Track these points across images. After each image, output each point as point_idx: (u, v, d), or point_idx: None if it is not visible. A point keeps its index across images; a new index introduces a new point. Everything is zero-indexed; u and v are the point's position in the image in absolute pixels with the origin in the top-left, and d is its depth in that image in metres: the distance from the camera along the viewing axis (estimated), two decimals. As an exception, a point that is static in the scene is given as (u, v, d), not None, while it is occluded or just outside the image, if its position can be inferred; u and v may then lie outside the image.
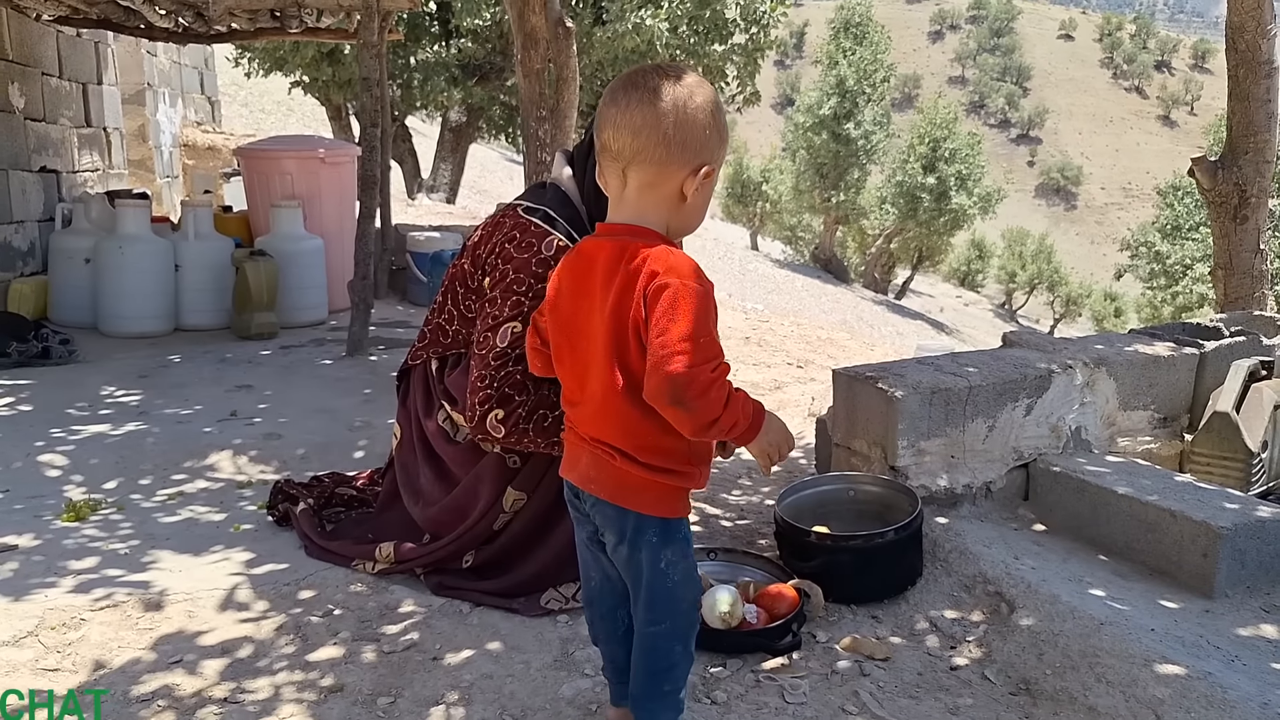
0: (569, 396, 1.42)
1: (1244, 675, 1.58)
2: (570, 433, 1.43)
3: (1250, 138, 3.86)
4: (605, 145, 1.33)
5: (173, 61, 8.66)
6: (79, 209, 4.93)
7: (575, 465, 1.41)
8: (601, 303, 1.31)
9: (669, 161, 1.30)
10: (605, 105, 1.33)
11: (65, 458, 2.84)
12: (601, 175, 1.37)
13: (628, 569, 1.40)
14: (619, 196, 1.35)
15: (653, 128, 1.28)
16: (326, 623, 1.88)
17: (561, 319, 1.39)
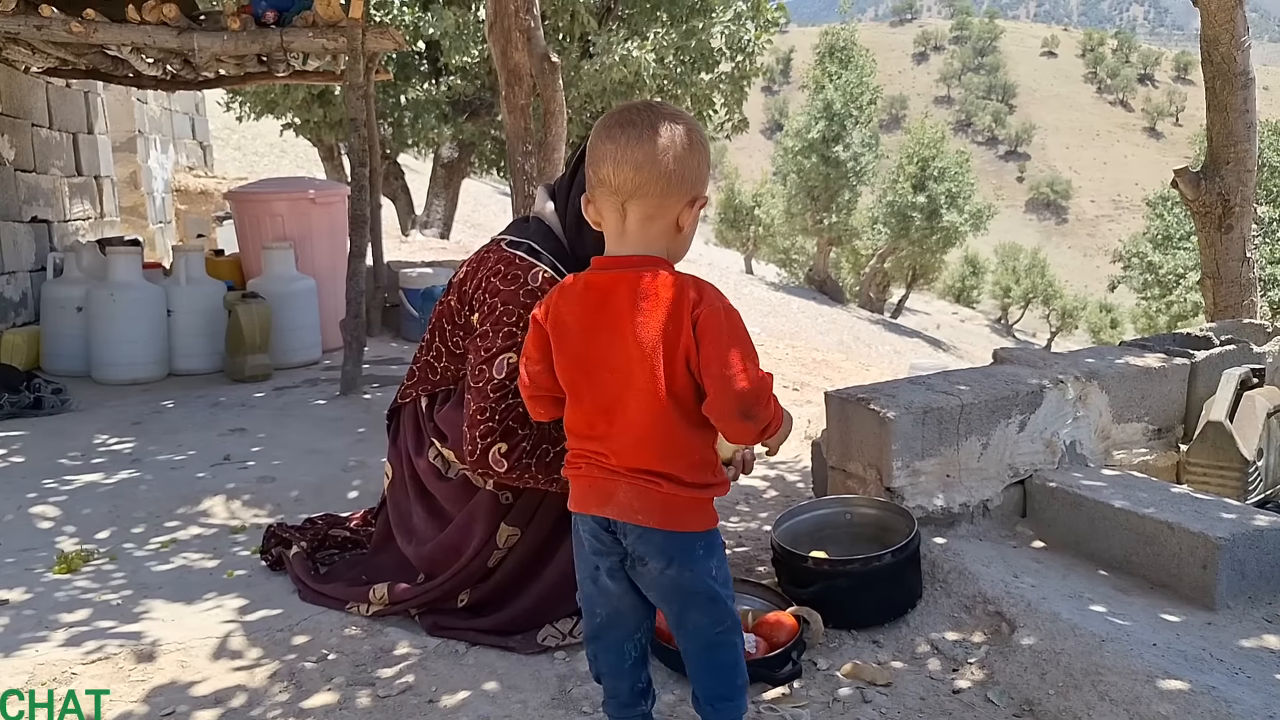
0: (591, 432, 1.41)
1: (1248, 688, 1.56)
2: (592, 468, 1.41)
3: (1230, 148, 3.89)
4: (604, 180, 1.37)
5: (163, 108, 8.74)
6: (70, 258, 4.94)
7: (609, 499, 1.40)
8: (632, 333, 1.34)
9: (669, 194, 1.36)
10: (601, 141, 1.37)
11: (57, 508, 2.82)
12: (594, 209, 1.41)
13: (674, 589, 1.42)
14: (618, 230, 1.39)
15: (653, 163, 1.34)
16: (321, 668, 1.86)
17: (573, 355, 1.40)
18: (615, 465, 1.39)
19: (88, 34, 4.15)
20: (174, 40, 4.22)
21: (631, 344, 1.34)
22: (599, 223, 1.42)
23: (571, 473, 1.45)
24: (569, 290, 1.42)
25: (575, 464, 1.44)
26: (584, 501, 1.44)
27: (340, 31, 4.22)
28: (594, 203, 1.41)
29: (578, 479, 1.44)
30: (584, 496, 1.44)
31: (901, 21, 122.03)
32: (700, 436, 1.39)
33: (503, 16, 4.38)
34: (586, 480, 1.43)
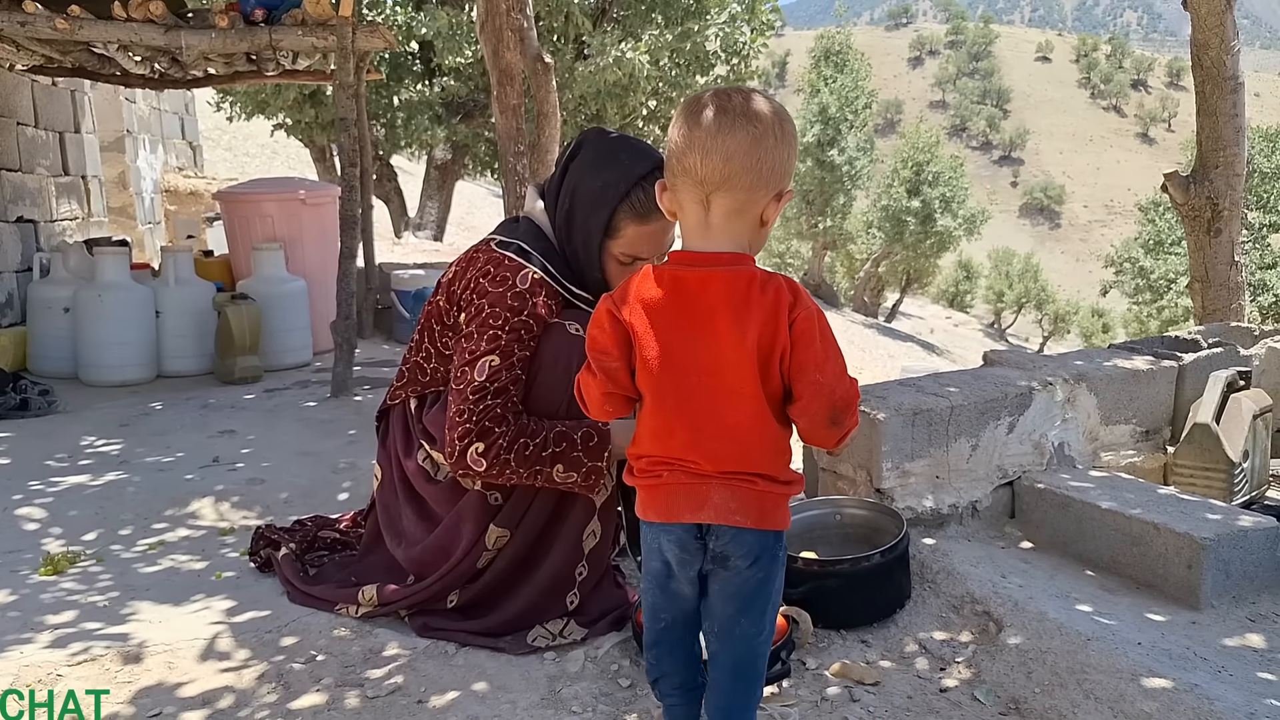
0: (673, 438, 1.34)
1: (1231, 686, 1.57)
2: (677, 474, 1.35)
3: (1219, 152, 3.91)
4: (689, 170, 1.28)
5: (152, 108, 8.71)
6: (57, 258, 4.92)
7: (703, 503, 1.34)
8: (728, 334, 1.29)
9: (757, 188, 1.28)
10: (689, 128, 1.29)
11: (44, 510, 2.81)
12: (669, 198, 1.34)
13: (746, 589, 1.38)
14: (701, 222, 1.31)
15: (745, 154, 1.26)
16: (309, 669, 1.86)
17: (660, 357, 1.32)
18: (706, 469, 1.33)
19: (73, 31, 4.13)
20: (161, 38, 4.20)
21: (728, 345, 1.29)
22: (674, 213, 1.35)
23: (650, 481, 1.38)
24: (653, 286, 1.33)
25: (654, 472, 1.37)
26: (671, 510, 1.36)
27: (330, 30, 4.22)
28: (673, 192, 1.33)
29: (659, 487, 1.37)
30: (670, 504, 1.36)
31: (897, 26, 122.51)
32: (787, 436, 1.36)
33: (494, 16, 4.39)
34: (672, 487, 1.36)
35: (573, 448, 1.84)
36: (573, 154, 1.93)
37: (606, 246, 1.89)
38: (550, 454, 1.83)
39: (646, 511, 1.39)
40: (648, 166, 1.85)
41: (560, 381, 1.87)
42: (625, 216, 1.85)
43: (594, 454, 1.86)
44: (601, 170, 1.86)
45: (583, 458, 1.85)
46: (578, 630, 1.94)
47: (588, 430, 1.86)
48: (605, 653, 1.89)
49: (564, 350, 1.87)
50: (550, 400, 1.88)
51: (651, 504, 1.38)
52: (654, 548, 1.40)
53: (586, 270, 1.93)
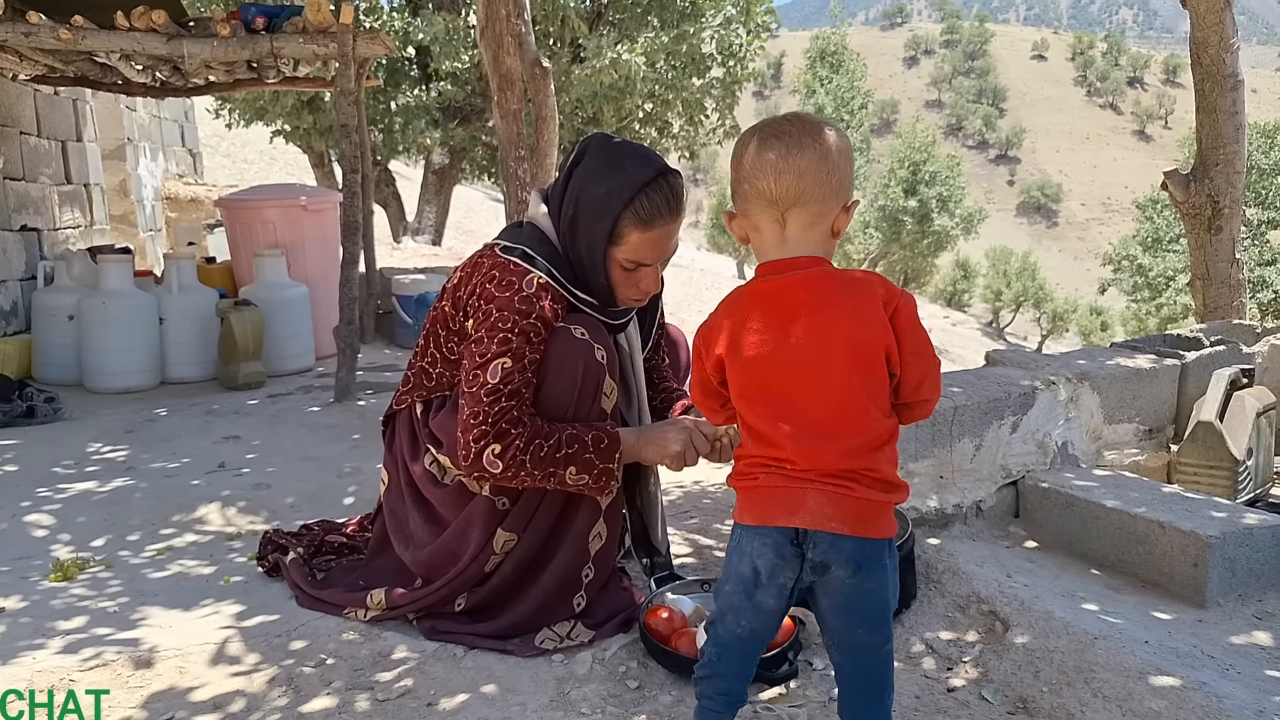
0: (778, 437, 1.35)
1: (1239, 684, 1.58)
2: (774, 476, 1.36)
3: (1219, 150, 3.93)
4: (763, 192, 1.36)
5: (152, 115, 8.73)
6: (61, 266, 4.93)
7: (799, 507, 1.33)
8: (825, 333, 1.33)
9: (828, 200, 1.36)
10: (759, 153, 1.36)
11: (52, 517, 2.82)
12: (741, 225, 1.41)
13: (856, 599, 1.37)
14: (778, 239, 1.38)
15: (816, 170, 1.34)
16: (319, 673, 1.86)
17: (753, 362, 1.36)
18: (803, 471, 1.34)
19: (76, 41, 4.15)
20: (163, 47, 4.22)
21: (817, 343, 1.33)
22: (746, 239, 1.42)
23: (746, 483, 1.39)
24: (742, 299, 1.40)
25: (751, 474, 1.38)
26: (766, 512, 1.36)
27: (330, 37, 4.23)
28: (746, 217, 1.40)
29: (755, 489, 1.38)
30: (766, 507, 1.36)
31: (892, 25, 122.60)
32: (892, 433, 1.37)
33: (494, 21, 4.40)
34: (767, 490, 1.36)
35: (585, 449, 1.85)
36: (576, 160, 1.93)
37: (611, 253, 1.90)
38: (564, 455, 1.84)
39: (742, 515, 1.39)
40: (651, 173, 1.86)
41: (566, 385, 1.88)
42: (629, 223, 1.86)
43: (605, 456, 1.87)
44: (605, 177, 1.87)
45: (595, 459, 1.86)
46: (585, 632, 1.95)
47: (597, 433, 1.87)
48: (613, 654, 1.90)
49: (570, 354, 1.88)
50: (557, 404, 1.89)
51: (747, 507, 1.38)
52: (745, 553, 1.38)
53: (591, 276, 1.93)
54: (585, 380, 1.89)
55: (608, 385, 1.92)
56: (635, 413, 2.11)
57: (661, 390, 2.23)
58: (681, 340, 2.37)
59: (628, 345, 2.08)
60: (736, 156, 1.40)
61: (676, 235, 1.95)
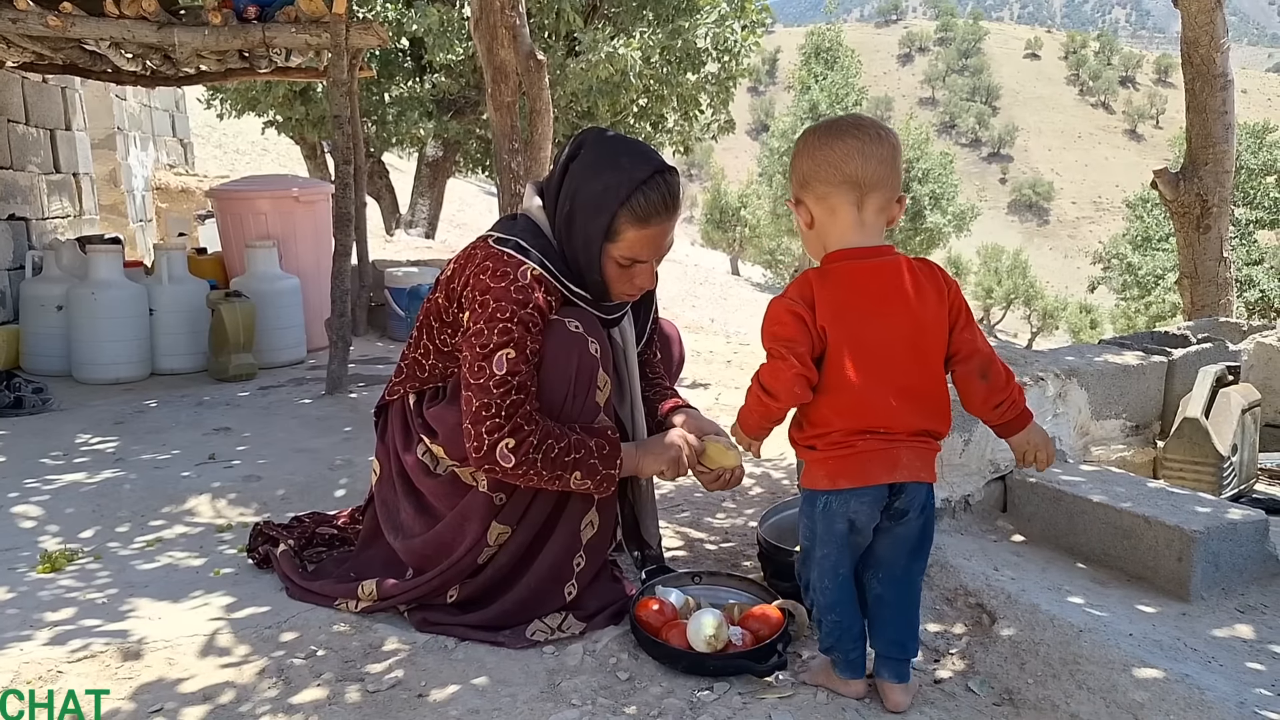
0: (878, 405, 1.54)
1: (1221, 676, 1.59)
2: (873, 440, 1.54)
3: (1209, 149, 3.95)
4: (849, 176, 1.53)
5: (143, 105, 8.68)
6: (49, 256, 4.91)
7: (896, 465, 1.55)
8: (916, 311, 1.56)
9: (896, 188, 1.58)
10: (837, 141, 1.54)
11: (40, 508, 2.81)
12: (811, 209, 1.58)
13: (919, 536, 1.65)
14: (855, 221, 1.56)
15: (892, 159, 1.55)
16: (310, 664, 1.87)
17: (857, 337, 1.54)
18: (897, 432, 1.55)
19: (65, 28, 4.12)
20: (154, 35, 4.19)
21: (916, 320, 1.55)
22: (811, 223, 1.59)
23: (842, 452, 1.55)
24: (839, 279, 1.55)
25: (849, 443, 1.55)
26: (866, 473, 1.55)
27: (323, 27, 4.21)
28: (822, 200, 1.56)
29: (853, 455, 1.55)
30: (865, 469, 1.55)
31: (887, 23, 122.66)
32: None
33: (488, 13, 4.39)
34: (866, 454, 1.55)
35: (590, 455, 1.87)
36: (573, 154, 1.93)
37: (607, 249, 1.90)
38: (571, 460, 1.85)
39: (837, 479, 1.57)
40: (649, 171, 1.86)
41: (561, 379, 1.89)
42: (626, 220, 1.86)
43: (608, 462, 1.89)
44: (602, 173, 1.87)
45: (598, 465, 1.87)
46: (576, 624, 1.95)
47: (599, 439, 1.89)
48: (604, 646, 1.90)
49: (564, 348, 1.89)
50: (551, 398, 1.89)
51: (844, 471, 1.56)
52: (839, 513, 1.59)
53: (586, 272, 1.94)
54: (580, 374, 1.89)
55: (601, 379, 1.93)
56: (628, 407, 2.12)
57: (653, 387, 2.23)
58: (674, 335, 2.38)
59: (621, 340, 2.09)
60: (814, 146, 1.56)
61: (672, 233, 1.96)
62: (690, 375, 4.90)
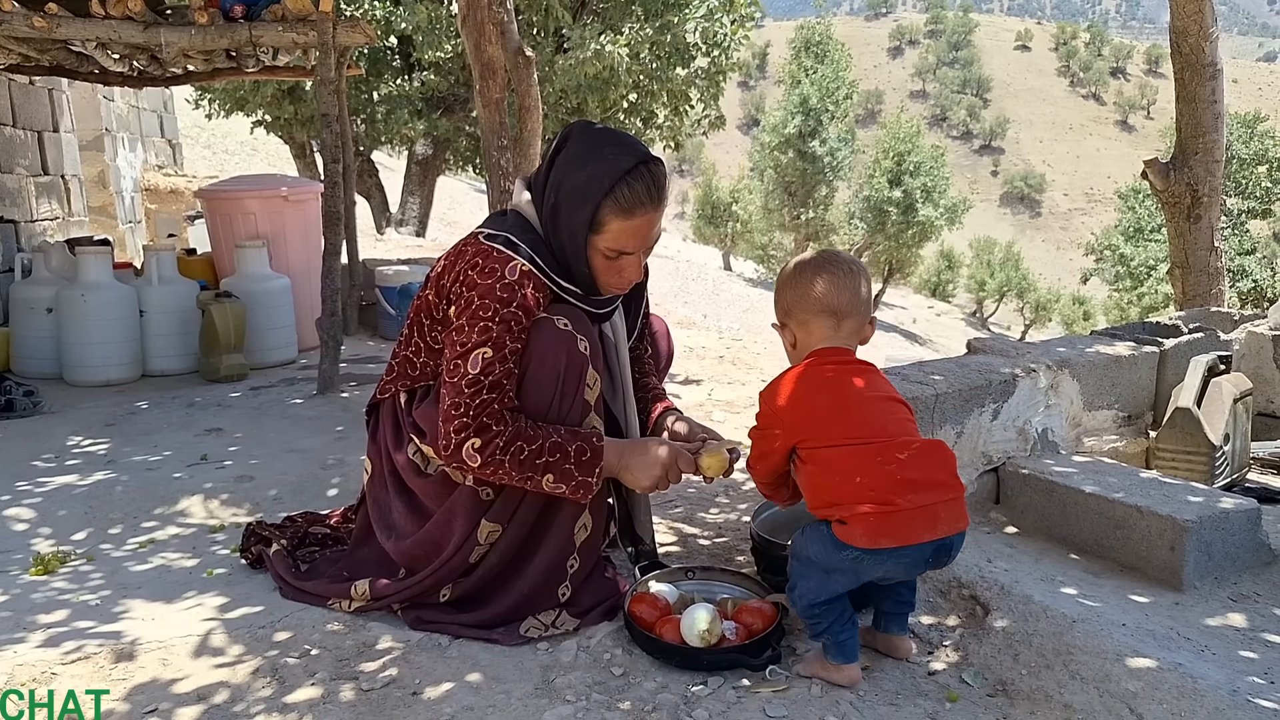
0: (909, 474, 1.62)
1: (1214, 664, 1.60)
2: (915, 495, 1.61)
3: (1199, 139, 3.96)
4: (827, 306, 1.75)
5: (131, 106, 8.64)
6: (39, 258, 4.88)
7: (936, 521, 1.62)
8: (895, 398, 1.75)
9: (868, 313, 1.80)
10: (821, 275, 1.76)
11: (32, 510, 2.80)
12: (794, 332, 1.80)
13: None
14: (831, 336, 1.77)
15: (862, 289, 1.78)
16: (304, 663, 1.86)
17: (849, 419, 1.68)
18: (936, 490, 1.64)
19: (51, 29, 4.09)
20: (140, 35, 4.17)
21: (897, 402, 1.74)
22: (795, 344, 1.81)
23: (885, 509, 1.60)
24: (836, 374, 1.73)
25: (888, 500, 1.61)
26: (911, 532, 1.61)
27: (310, 25, 4.19)
28: (803, 326, 1.78)
29: (896, 514, 1.60)
30: (909, 527, 1.61)
31: (876, 16, 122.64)
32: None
33: (475, 10, 4.38)
34: (909, 512, 1.61)
35: (566, 460, 1.85)
36: (559, 147, 1.93)
37: (592, 241, 1.89)
38: (544, 463, 1.83)
39: (878, 539, 1.61)
40: (632, 161, 1.85)
41: (549, 377, 1.88)
42: (610, 212, 1.85)
43: (586, 469, 1.86)
44: (586, 165, 1.86)
45: (574, 471, 1.85)
46: (570, 621, 1.95)
47: (581, 445, 1.87)
48: (598, 642, 1.90)
49: (552, 345, 1.88)
50: (540, 396, 1.89)
51: (886, 530, 1.61)
52: (869, 569, 1.65)
53: (573, 264, 1.93)
54: (568, 372, 1.89)
55: (590, 376, 1.92)
56: (620, 403, 2.11)
57: (640, 386, 2.22)
58: (663, 331, 2.37)
59: (613, 335, 2.08)
60: (795, 281, 1.79)
61: (659, 224, 1.95)
62: (683, 371, 4.90)
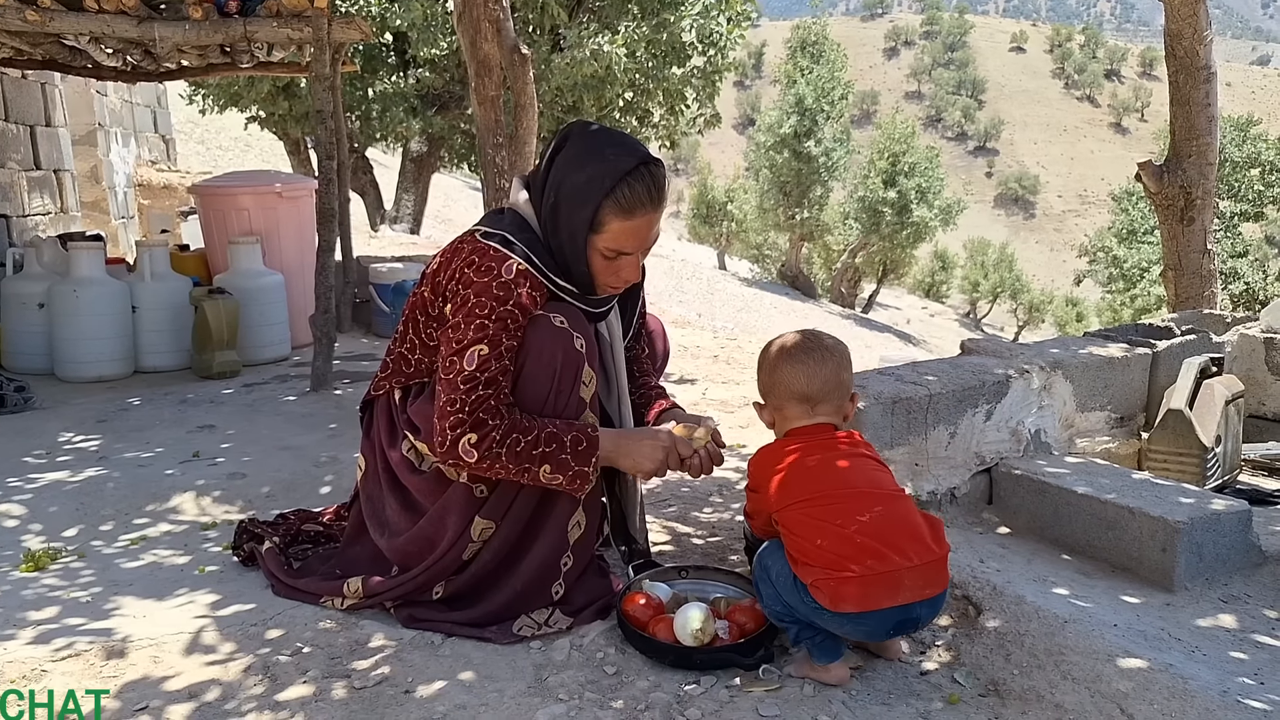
0: (868, 538, 1.63)
1: (1204, 665, 1.60)
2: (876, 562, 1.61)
3: (1192, 141, 3.97)
4: (799, 394, 1.79)
5: (124, 101, 8.61)
6: (30, 253, 4.86)
7: (898, 588, 1.61)
8: (877, 465, 1.78)
9: (846, 394, 1.84)
10: (794, 364, 1.80)
11: (23, 507, 2.79)
12: (771, 414, 1.86)
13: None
14: (804, 418, 1.80)
15: (837, 374, 1.81)
16: (295, 661, 1.86)
17: (817, 480, 1.71)
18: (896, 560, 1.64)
19: (44, 23, 4.07)
20: (134, 30, 4.15)
21: (881, 469, 1.77)
22: (772, 424, 1.87)
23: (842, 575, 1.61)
24: (817, 445, 1.76)
25: (843, 566, 1.62)
26: (869, 598, 1.62)
27: (305, 21, 4.18)
28: (780, 410, 1.83)
29: (853, 580, 1.61)
30: (868, 593, 1.62)
31: (872, 16, 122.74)
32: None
33: (471, 7, 4.37)
34: (868, 579, 1.62)
35: (562, 450, 1.85)
36: (558, 146, 1.92)
37: (591, 241, 1.89)
38: (540, 453, 1.84)
39: (838, 603, 1.62)
40: (633, 162, 1.85)
41: (545, 374, 1.88)
42: (610, 212, 1.85)
43: (582, 459, 1.87)
44: (587, 164, 1.86)
45: (570, 461, 1.86)
46: (563, 619, 1.95)
47: (576, 434, 1.87)
48: (591, 641, 1.90)
49: (548, 343, 1.88)
50: (535, 393, 1.89)
51: (844, 596, 1.62)
52: (833, 626, 1.67)
53: (572, 264, 1.93)
54: (564, 369, 1.89)
55: (586, 374, 1.92)
56: (615, 402, 2.11)
57: (639, 385, 2.22)
58: (658, 330, 2.37)
59: (608, 334, 2.08)
60: (772, 367, 1.83)
61: (658, 225, 1.95)
62: (677, 371, 4.90)
